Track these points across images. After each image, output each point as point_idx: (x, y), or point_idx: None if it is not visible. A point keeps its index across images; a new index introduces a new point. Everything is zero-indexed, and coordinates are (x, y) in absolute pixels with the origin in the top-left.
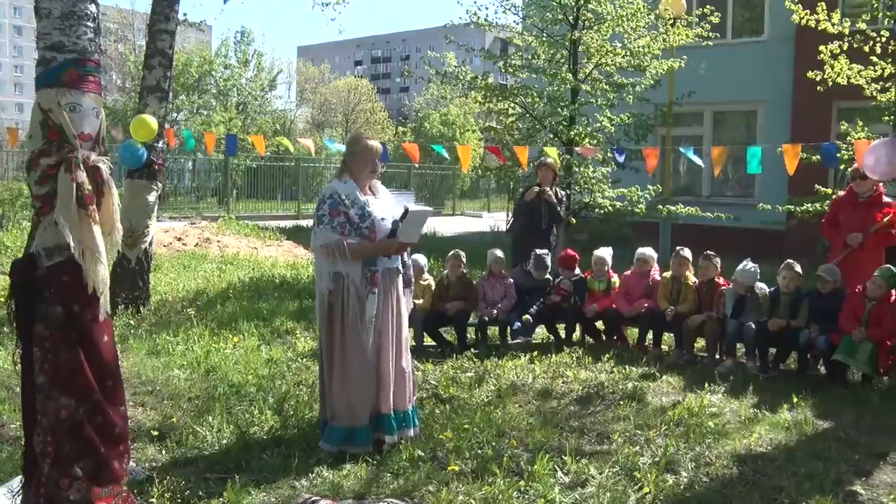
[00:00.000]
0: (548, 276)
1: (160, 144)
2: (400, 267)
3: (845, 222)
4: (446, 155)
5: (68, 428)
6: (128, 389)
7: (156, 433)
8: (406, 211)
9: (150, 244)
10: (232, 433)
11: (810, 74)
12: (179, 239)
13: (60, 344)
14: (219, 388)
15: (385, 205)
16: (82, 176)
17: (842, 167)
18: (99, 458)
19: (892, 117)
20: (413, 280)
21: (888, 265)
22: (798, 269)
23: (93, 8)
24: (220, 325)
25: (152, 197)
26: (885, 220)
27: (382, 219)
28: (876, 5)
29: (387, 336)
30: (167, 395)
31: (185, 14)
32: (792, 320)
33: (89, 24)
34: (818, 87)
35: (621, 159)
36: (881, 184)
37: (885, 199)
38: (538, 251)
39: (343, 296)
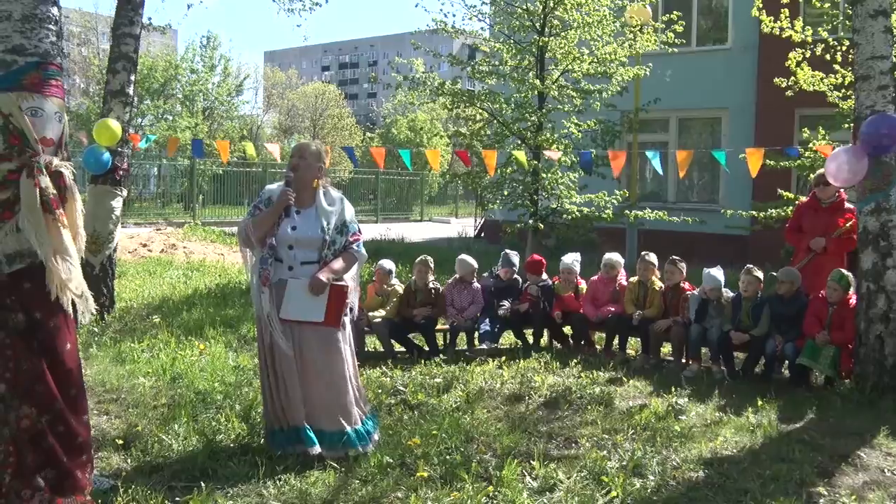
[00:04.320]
0: (516, 276)
1: (125, 150)
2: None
3: (808, 228)
4: (409, 166)
5: (30, 438)
6: (92, 398)
7: (120, 442)
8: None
9: (115, 250)
10: (198, 441)
11: (777, 81)
12: (145, 245)
13: (22, 352)
14: (185, 396)
15: (308, 215)
16: (46, 181)
17: (804, 174)
18: (61, 468)
19: (852, 124)
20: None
21: (838, 268)
22: (758, 273)
23: (55, 11)
24: (187, 331)
25: (116, 202)
26: (847, 225)
27: (293, 228)
28: (835, 13)
29: (283, 350)
30: (132, 403)
31: (149, 18)
32: (754, 326)
33: (51, 26)
34: (787, 93)
35: (587, 161)
36: (843, 190)
37: (847, 204)
38: (507, 250)
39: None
